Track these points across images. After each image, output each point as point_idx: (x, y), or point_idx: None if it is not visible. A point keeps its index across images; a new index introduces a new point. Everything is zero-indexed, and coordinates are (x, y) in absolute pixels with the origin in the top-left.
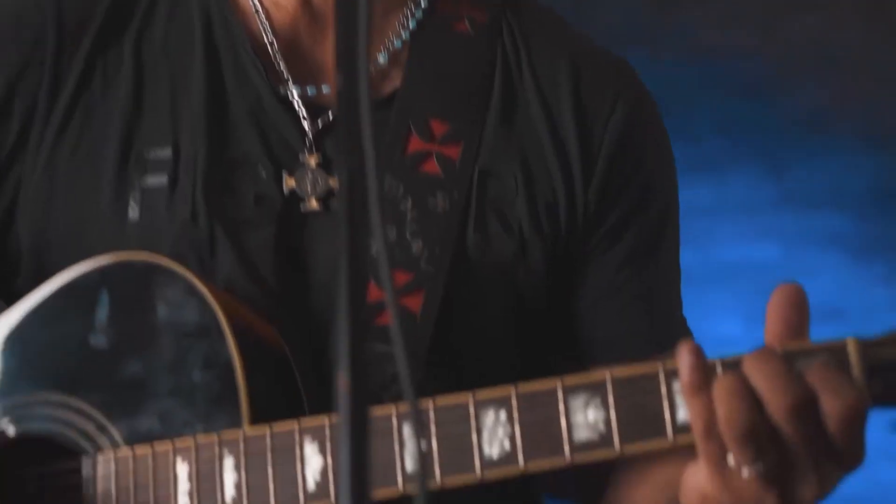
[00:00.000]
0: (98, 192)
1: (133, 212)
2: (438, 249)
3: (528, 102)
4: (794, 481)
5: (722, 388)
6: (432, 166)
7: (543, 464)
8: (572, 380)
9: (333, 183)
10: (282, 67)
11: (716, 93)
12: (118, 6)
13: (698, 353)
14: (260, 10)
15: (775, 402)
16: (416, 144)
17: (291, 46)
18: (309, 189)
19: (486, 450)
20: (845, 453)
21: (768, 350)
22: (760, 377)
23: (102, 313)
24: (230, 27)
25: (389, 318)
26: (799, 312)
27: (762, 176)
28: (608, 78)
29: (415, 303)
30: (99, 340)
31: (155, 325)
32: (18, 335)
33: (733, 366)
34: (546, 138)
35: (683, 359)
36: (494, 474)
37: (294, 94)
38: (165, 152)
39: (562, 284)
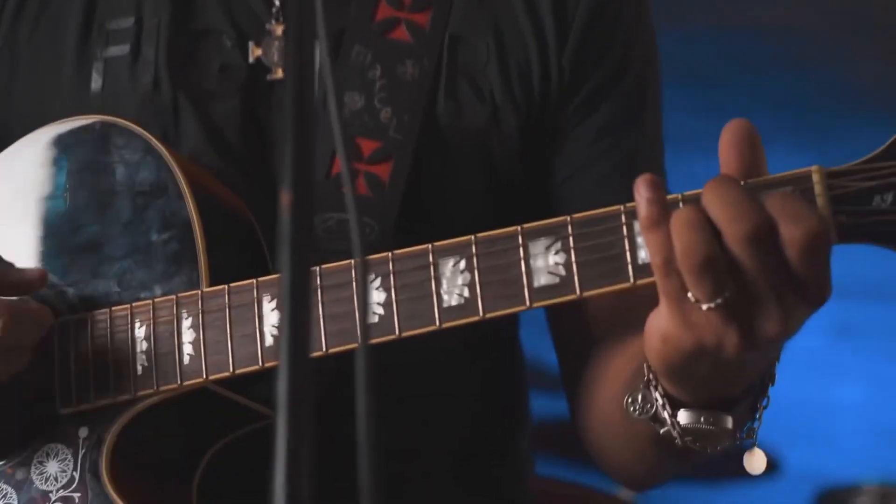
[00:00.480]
0: (60, 66)
1: (95, 83)
2: (408, 117)
3: None
4: (756, 316)
5: (678, 221)
6: (402, 33)
7: (503, 309)
8: (532, 225)
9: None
10: None
11: (759, 67)
12: None
13: (655, 187)
14: None
15: (732, 231)
16: (384, 11)
17: None
18: (275, 58)
19: (445, 298)
20: (809, 285)
21: (726, 177)
22: (718, 205)
23: (61, 178)
24: None
25: (362, 187)
26: (752, 149)
27: (804, 151)
28: None
29: (383, 170)
30: (57, 206)
31: (112, 187)
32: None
33: (694, 200)
34: (519, 2)
35: (640, 192)
36: (453, 322)
37: None
38: (128, 22)
39: (538, 156)
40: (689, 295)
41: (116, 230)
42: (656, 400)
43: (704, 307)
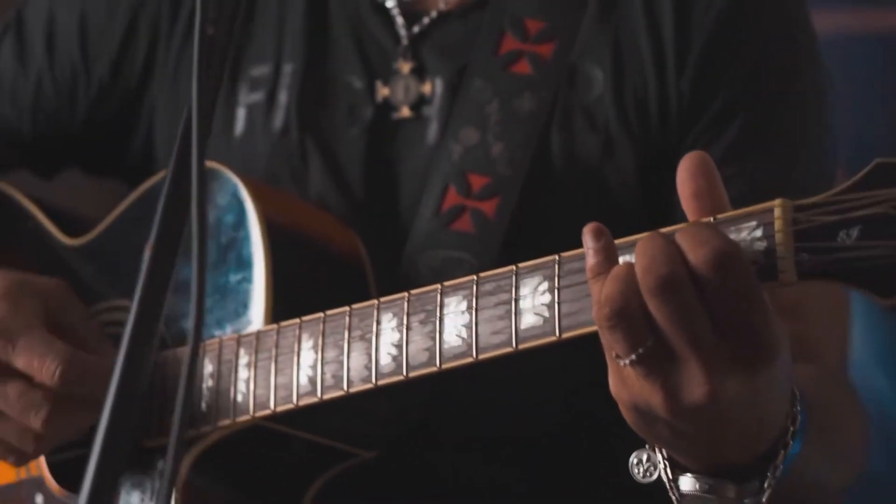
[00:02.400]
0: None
1: (238, 128)
2: (519, 152)
3: None
4: (677, 374)
5: (610, 273)
6: (523, 66)
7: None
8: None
9: (426, 89)
10: None
11: None
12: None
13: (599, 236)
14: None
15: (643, 282)
16: (509, 44)
17: None
18: (401, 96)
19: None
20: (735, 336)
21: (655, 232)
22: (637, 257)
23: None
24: None
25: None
26: (705, 178)
27: None
28: None
29: (489, 206)
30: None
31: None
32: (97, 245)
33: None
34: (642, 28)
35: (585, 241)
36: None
37: (390, 1)
38: (267, 68)
39: (657, 186)
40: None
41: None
42: (659, 462)
43: (622, 363)
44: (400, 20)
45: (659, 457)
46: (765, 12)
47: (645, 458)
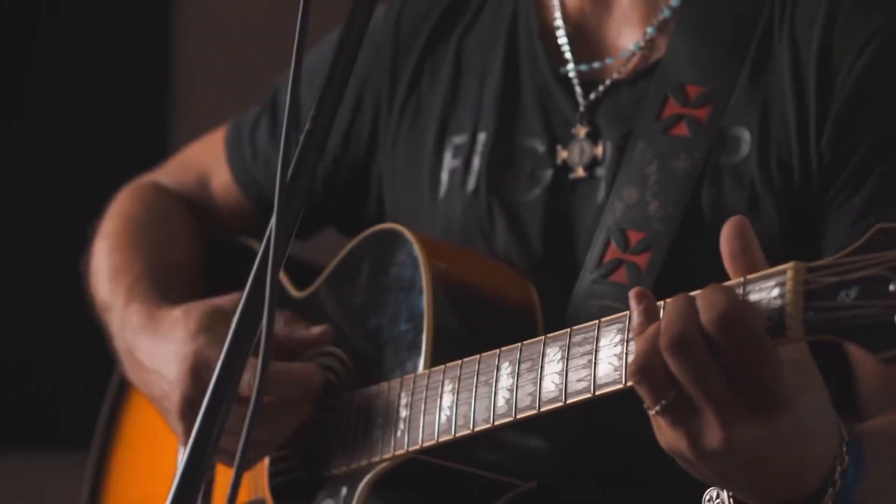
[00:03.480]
0: (421, 175)
1: (442, 191)
2: (672, 208)
3: (780, 55)
4: (696, 423)
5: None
6: (682, 129)
7: None
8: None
9: (598, 151)
10: (565, 48)
11: None
12: (450, 13)
13: (641, 298)
14: None
15: (662, 341)
16: (671, 109)
17: (578, 27)
18: (577, 158)
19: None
20: (746, 388)
21: (682, 295)
22: (663, 318)
23: (363, 276)
24: (528, 16)
25: (623, 275)
26: (739, 240)
27: None
28: (866, 20)
29: (643, 259)
30: (357, 298)
31: (387, 283)
32: (314, 298)
33: None
34: (788, 90)
35: (630, 304)
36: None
37: (572, 71)
38: (465, 137)
39: (802, 239)
40: None
41: (385, 320)
42: (725, 499)
43: (651, 412)
44: (579, 89)
45: (724, 495)
46: None
47: (715, 495)
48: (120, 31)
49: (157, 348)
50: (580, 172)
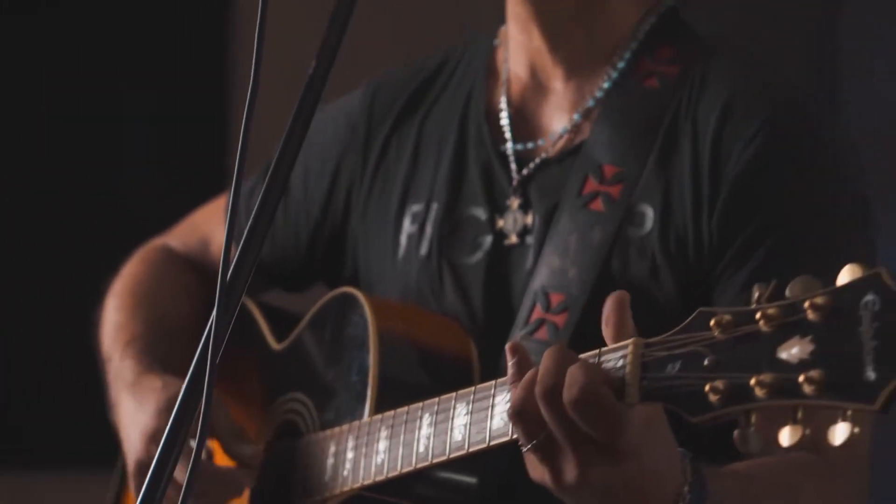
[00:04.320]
0: (385, 239)
1: (400, 253)
2: (587, 275)
3: (684, 142)
4: (560, 461)
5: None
6: (598, 204)
7: None
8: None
9: (528, 221)
10: (506, 129)
11: None
12: (415, 97)
13: (514, 353)
14: (504, 81)
15: (536, 390)
16: (590, 186)
17: (518, 110)
18: (511, 226)
19: None
20: (596, 438)
21: (554, 347)
22: (540, 367)
23: (327, 333)
24: (479, 99)
25: (545, 333)
26: (614, 313)
27: None
28: (754, 116)
29: (561, 319)
30: (322, 352)
31: (344, 341)
32: (289, 350)
33: None
34: (687, 175)
35: (507, 355)
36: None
37: (510, 149)
38: (421, 206)
39: (697, 303)
40: None
41: (341, 372)
42: None
43: (524, 450)
44: (514, 165)
45: None
46: (789, 164)
47: None
48: (179, 33)
49: (133, 411)
50: (513, 239)
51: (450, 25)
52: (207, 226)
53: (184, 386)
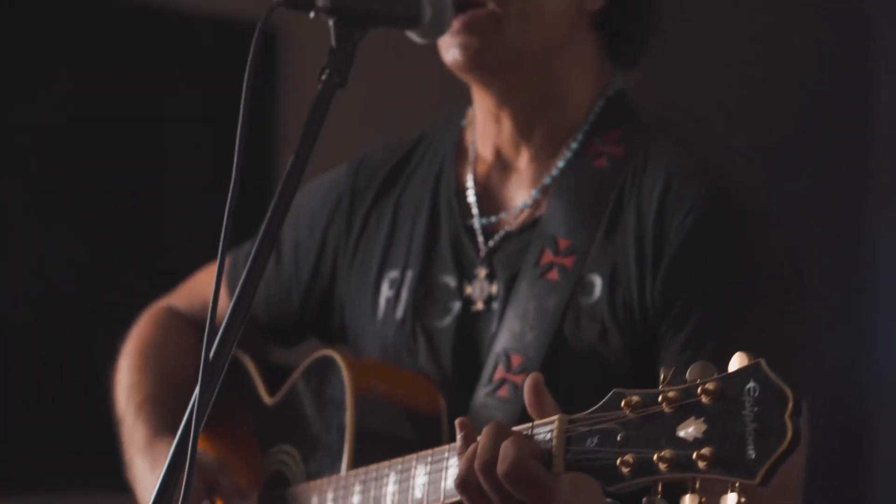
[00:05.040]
0: (366, 302)
1: (379, 314)
2: (543, 338)
3: (628, 216)
4: None
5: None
6: (553, 274)
7: None
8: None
9: (493, 289)
10: (472, 204)
11: None
12: (393, 174)
13: (462, 427)
14: (470, 163)
15: (477, 461)
16: (546, 257)
17: (484, 187)
18: (478, 293)
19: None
20: (527, 502)
21: (493, 425)
22: (479, 443)
23: (311, 391)
24: (449, 176)
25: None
26: (534, 392)
27: None
28: (690, 192)
29: (520, 378)
30: (307, 409)
31: (325, 399)
32: (279, 405)
33: None
34: (632, 247)
35: (456, 428)
36: None
37: (477, 223)
38: (397, 273)
39: (643, 361)
40: None
41: (324, 429)
42: None
43: None
44: (481, 237)
45: None
46: (721, 238)
47: None
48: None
49: (146, 473)
50: (480, 305)
51: (426, 108)
52: (208, 287)
53: (170, 454)
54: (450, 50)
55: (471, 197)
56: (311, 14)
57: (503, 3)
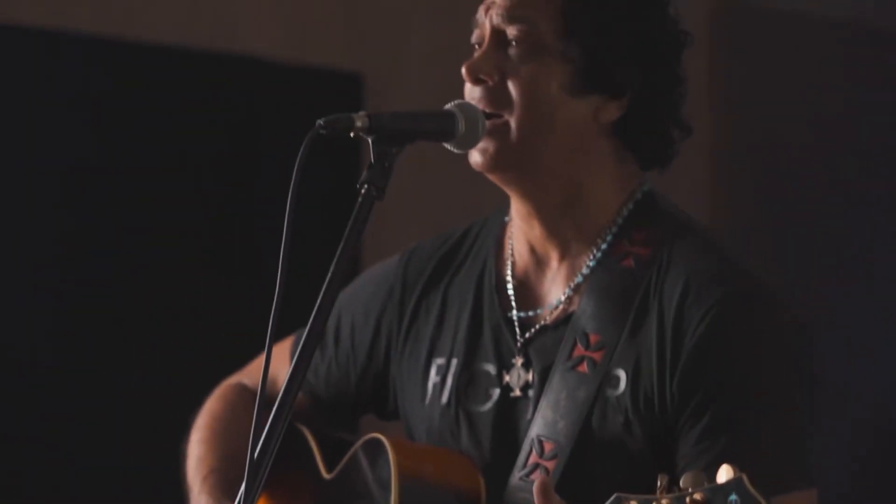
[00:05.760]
0: (416, 386)
1: (427, 399)
2: (573, 427)
3: (651, 316)
4: None
5: None
6: (583, 367)
7: None
8: None
9: (529, 377)
10: (512, 298)
11: None
12: (441, 265)
13: (541, 490)
14: (510, 258)
15: None
16: (578, 351)
17: (521, 282)
18: (515, 381)
19: None
20: None
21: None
22: None
23: (362, 470)
24: (490, 271)
25: (538, 476)
26: (540, 496)
27: None
28: (708, 296)
29: (551, 464)
30: (359, 486)
31: (374, 478)
32: (334, 480)
33: None
34: (654, 345)
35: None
36: None
37: (515, 316)
38: (443, 360)
39: (664, 451)
40: None
41: None
42: None
43: None
44: (518, 330)
45: None
46: (733, 341)
47: None
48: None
49: None
50: (517, 393)
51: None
52: (274, 367)
53: None
54: (473, 154)
55: (510, 291)
56: (351, 135)
57: (516, 114)
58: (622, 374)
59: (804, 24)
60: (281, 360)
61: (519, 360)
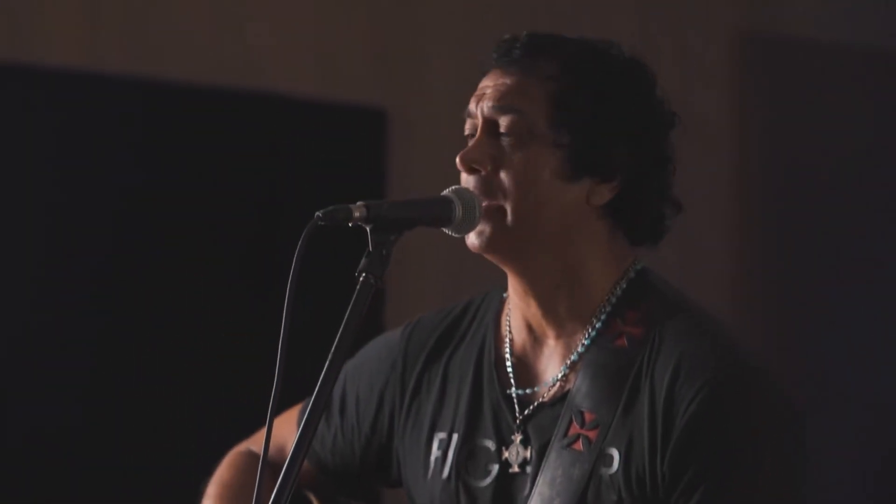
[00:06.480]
0: (418, 459)
1: (429, 473)
2: (568, 503)
3: (643, 396)
4: None
5: None
6: (579, 445)
7: None
8: None
9: (527, 454)
10: (510, 375)
11: None
12: (442, 340)
13: None
14: (508, 335)
15: None
16: (574, 429)
17: (519, 359)
18: (514, 457)
19: None
20: None
21: None
22: None
23: None
24: (490, 348)
25: None
26: None
27: None
28: (698, 376)
29: None
30: None
31: None
32: None
33: None
34: (646, 424)
35: None
36: None
37: (514, 393)
38: (444, 435)
39: None
40: None
41: None
42: None
43: None
44: (517, 406)
45: None
46: (722, 421)
47: None
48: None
49: None
50: (516, 469)
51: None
52: (282, 436)
53: None
54: (470, 236)
55: (508, 368)
56: (350, 225)
57: (511, 200)
58: (615, 453)
59: (832, 53)
60: (289, 430)
61: (518, 437)
